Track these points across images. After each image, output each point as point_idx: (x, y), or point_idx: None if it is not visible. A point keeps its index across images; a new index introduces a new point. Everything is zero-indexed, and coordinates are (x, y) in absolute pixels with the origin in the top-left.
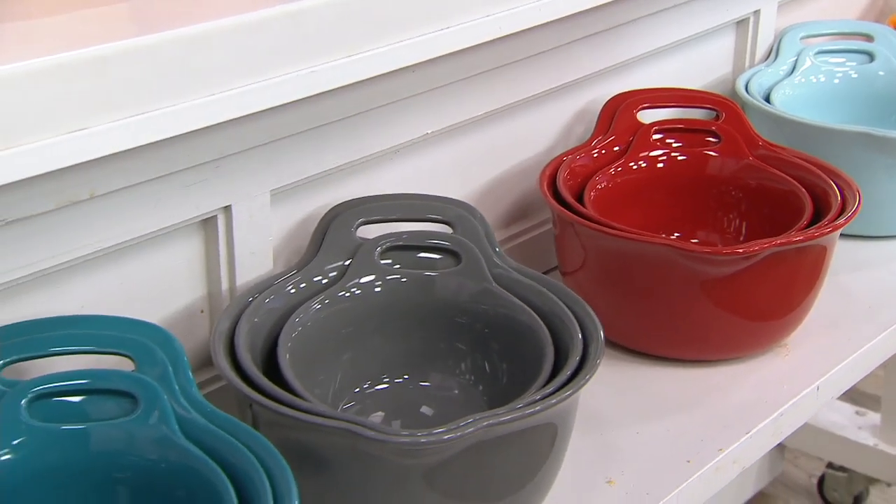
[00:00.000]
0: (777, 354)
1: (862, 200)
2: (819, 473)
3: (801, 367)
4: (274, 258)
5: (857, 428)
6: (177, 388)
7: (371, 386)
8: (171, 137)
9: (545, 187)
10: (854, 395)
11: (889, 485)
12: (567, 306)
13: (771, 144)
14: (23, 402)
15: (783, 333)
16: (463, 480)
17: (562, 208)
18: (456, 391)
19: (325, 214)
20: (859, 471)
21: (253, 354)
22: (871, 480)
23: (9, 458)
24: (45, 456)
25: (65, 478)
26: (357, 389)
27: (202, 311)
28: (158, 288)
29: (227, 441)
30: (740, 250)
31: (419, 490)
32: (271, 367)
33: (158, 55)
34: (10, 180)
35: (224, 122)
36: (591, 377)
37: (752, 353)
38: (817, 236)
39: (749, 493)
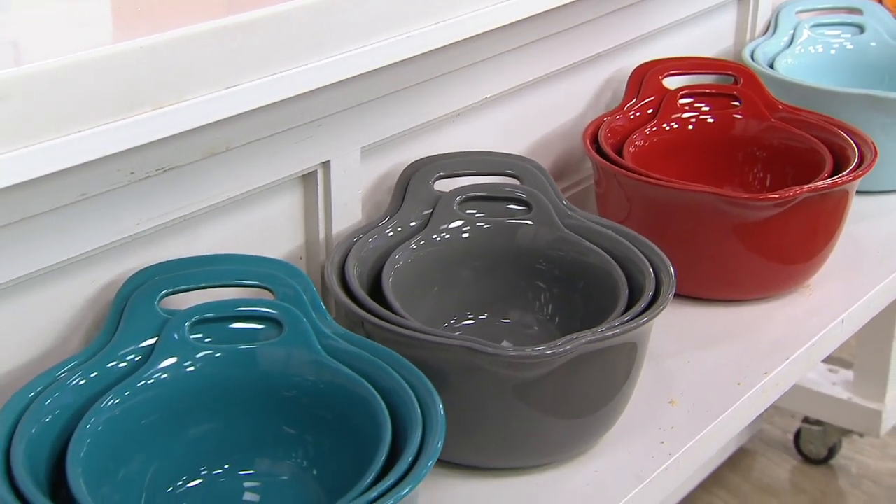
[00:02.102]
0: (801, 294)
1: (878, 153)
2: (793, 430)
3: (826, 305)
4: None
5: (831, 384)
6: (314, 315)
7: (458, 321)
8: (290, 97)
9: (589, 144)
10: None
11: (861, 435)
12: (638, 249)
13: (790, 106)
14: (186, 324)
15: (807, 275)
16: (556, 396)
17: (608, 162)
18: (535, 328)
19: (405, 170)
20: (834, 424)
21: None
22: (845, 432)
23: (176, 374)
24: (206, 373)
25: (224, 393)
26: (445, 324)
27: (301, 258)
28: (265, 236)
29: (374, 362)
30: (776, 196)
31: (518, 402)
32: (374, 297)
33: (288, 22)
34: (173, 133)
35: (333, 84)
36: (666, 304)
37: (780, 293)
38: (841, 183)
39: (731, 449)
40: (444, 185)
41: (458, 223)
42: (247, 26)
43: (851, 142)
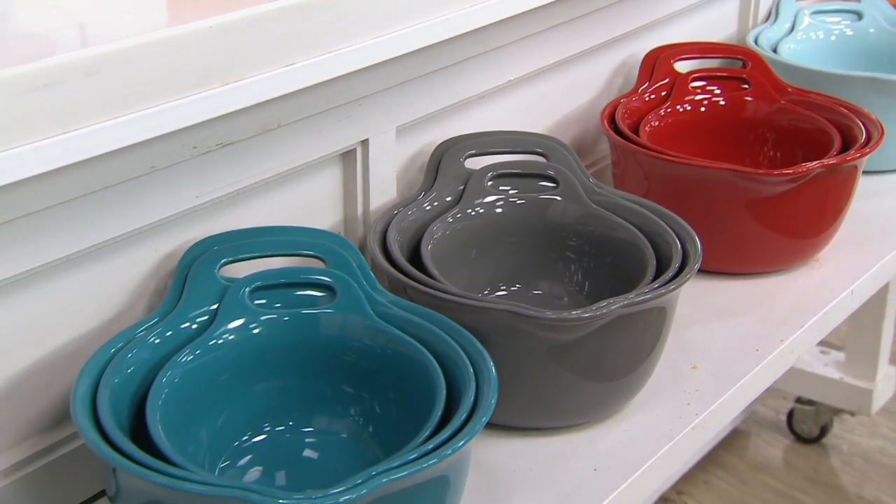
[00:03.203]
0: (812, 267)
1: (885, 132)
2: (785, 411)
3: (835, 277)
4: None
5: (823, 365)
6: (364, 283)
7: (491, 292)
8: (335, 77)
9: (606, 125)
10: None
11: (853, 414)
12: (664, 222)
13: (798, 89)
14: (246, 290)
15: (816, 249)
16: (589, 359)
17: (625, 141)
18: (565, 298)
19: (437, 148)
20: (827, 403)
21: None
22: (836, 412)
23: (243, 336)
24: (269, 335)
25: (285, 354)
26: (479, 294)
27: (340, 233)
28: (308, 211)
29: (425, 326)
30: (789, 171)
31: (554, 365)
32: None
33: (341, 4)
34: (238, 107)
35: (373, 65)
36: (694, 271)
37: (791, 266)
38: (850, 159)
39: (726, 430)
40: (474, 163)
41: (493, 198)
42: (304, 7)
43: (859, 122)
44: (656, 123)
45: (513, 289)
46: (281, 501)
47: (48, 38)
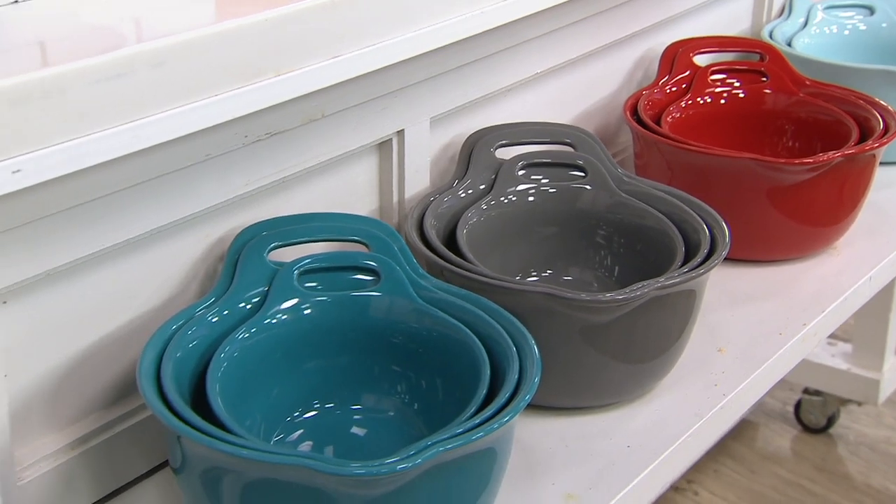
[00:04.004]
0: (830, 255)
1: None
2: (792, 402)
3: (853, 264)
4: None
5: (830, 356)
6: (407, 267)
7: (522, 277)
8: (377, 69)
9: (629, 116)
10: None
11: (859, 404)
12: (692, 210)
13: (816, 82)
14: (295, 273)
15: (834, 237)
16: (621, 341)
17: (649, 132)
18: (595, 284)
19: (468, 138)
20: (834, 393)
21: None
22: (843, 402)
23: (295, 315)
24: (320, 315)
25: (335, 335)
26: None
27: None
28: (346, 200)
29: (468, 308)
30: (810, 160)
31: (587, 347)
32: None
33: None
34: (290, 97)
35: (411, 57)
36: (723, 256)
37: (810, 253)
38: (868, 149)
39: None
40: (504, 153)
41: (525, 187)
42: (352, 0)
43: (876, 113)
44: (678, 115)
45: (544, 275)
46: (346, 468)
47: (113, 31)
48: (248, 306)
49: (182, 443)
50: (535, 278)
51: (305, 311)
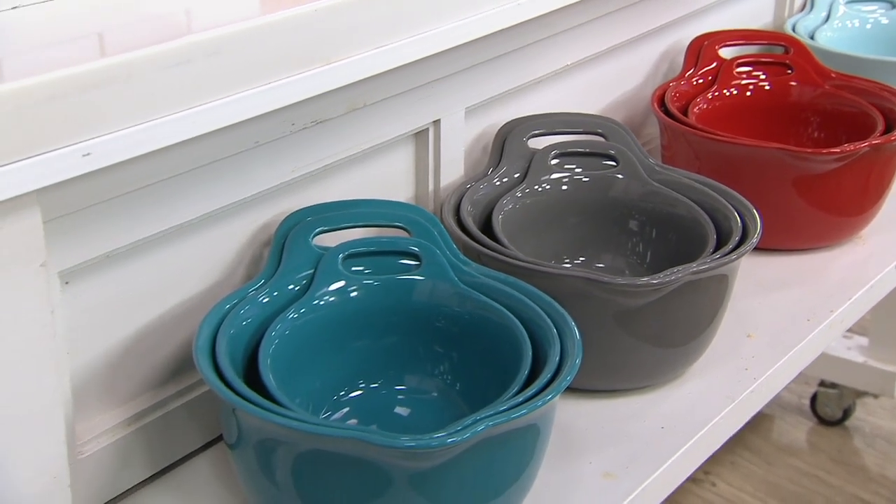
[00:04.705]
0: (856, 244)
1: None
2: (808, 395)
3: (878, 253)
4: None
5: (846, 349)
6: (448, 252)
7: (556, 263)
8: (417, 60)
9: (657, 107)
10: None
11: (876, 396)
12: (723, 198)
13: (841, 74)
14: (340, 257)
15: (860, 227)
16: (654, 325)
17: (675, 122)
18: (626, 271)
19: (501, 128)
20: (850, 386)
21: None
22: (859, 394)
23: (342, 297)
24: (365, 298)
25: (381, 317)
26: None
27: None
28: (383, 188)
29: (510, 293)
30: (837, 150)
31: (620, 331)
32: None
33: None
34: (339, 85)
35: (449, 49)
36: (755, 242)
37: (836, 242)
38: (894, 140)
39: None
40: (536, 143)
41: (559, 175)
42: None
43: None
44: (704, 106)
45: (576, 261)
46: (398, 441)
47: (169, 21)
48: (297, 288)
49: (237, 415)
50: (567, 264)
51: (352, 294)
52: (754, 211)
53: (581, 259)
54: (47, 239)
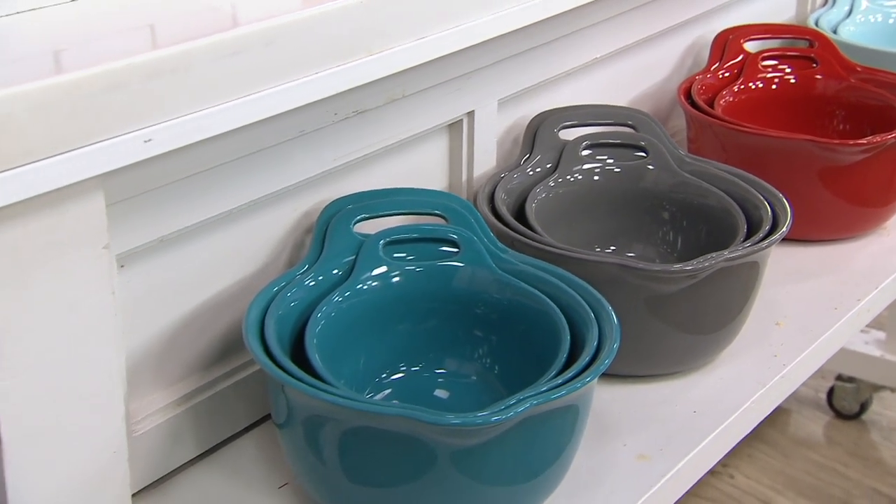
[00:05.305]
0: (880, 235)
1: None
2: (824, 389)
3: None
4: None
5: (864, 343)
6: (485, 240)
7: None
8: (454, 52)
9: (683, 99)
10: None
11: (892, 390)
12: (753, 188)
13: (866, 67)
14: (381, 243)
15: (885, 217)
16: (686, 312)
17: (702, 115)
18: (657, 260)
19: (532, 120)
20: (867, 380)
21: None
22: (876, 388)
23: (384, 282)
24: (406, 283)
25: (421, 301)
26: None
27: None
28: (418, 177)
29: (547, 280)
30: (864, 142)
31: (651, 317)
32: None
33: None
34: (380, 76)
35: (484, 41)
36: (786, 231)
37: (861, 233)
38: None
39: None
40: (566, 134)
41: (591, 166)
42: None
43: None
44: (730, 99)
45: (608, 250)
46: (444, 419)
47: (225, 12)
48: (340, 273)
49: (286, 393)
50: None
51: (394, 279)
52: (784, 200)
53: (612, 248)
54: (108, 223)
